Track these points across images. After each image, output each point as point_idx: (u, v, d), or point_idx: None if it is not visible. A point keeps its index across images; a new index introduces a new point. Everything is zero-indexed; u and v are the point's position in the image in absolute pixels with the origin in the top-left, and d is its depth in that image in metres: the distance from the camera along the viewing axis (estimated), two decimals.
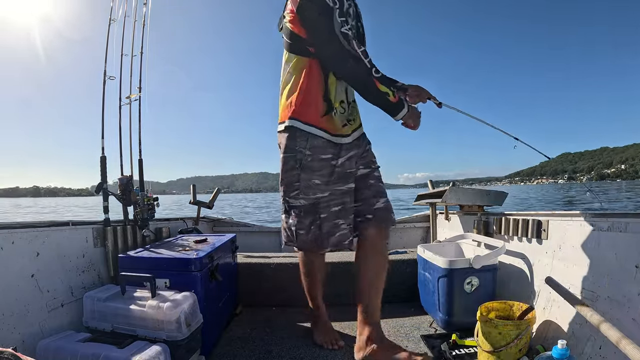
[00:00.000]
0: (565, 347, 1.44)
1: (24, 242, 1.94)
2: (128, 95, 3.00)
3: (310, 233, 2.06)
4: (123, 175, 2.81)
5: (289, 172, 2.05)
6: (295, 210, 2.08)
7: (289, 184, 2.06)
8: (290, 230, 2.13)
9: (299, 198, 2.04)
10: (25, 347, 1.73)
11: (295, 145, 2.00)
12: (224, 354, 2.23)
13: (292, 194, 2.06)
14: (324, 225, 2.03)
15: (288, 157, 2.03)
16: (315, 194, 2.01)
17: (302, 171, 2.00)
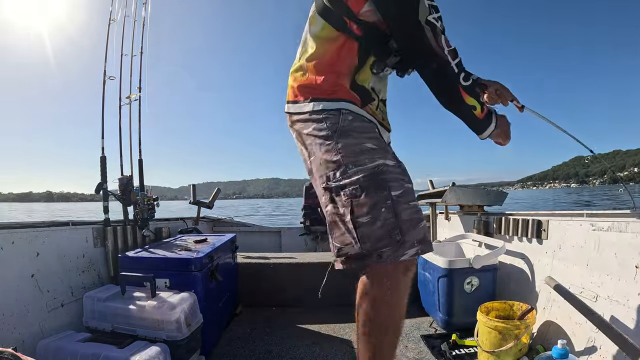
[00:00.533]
0: (565, 347, 1.44)
1: (24, 242, 1.94)
2: (128, 95, 3.01)
3: (379, 219, 1.27)
4: (123, 175, 2.82)
5: (322, 147, 1.38)
6: (345, 191, 1.31)
7: (327, 162, 1.36)
8: (343, 224, 1.32)
9: (348, 174, 1.31)
10: (25, 347, 1.73)
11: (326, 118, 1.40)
12: (224, 353, 2.23)
13: (337, 173, 1.33)
14: (399, 207, 1.29)
15: (315, 130, 1.41)
16: (373, 159, 1.32)
17: (341, 137, 1.36)
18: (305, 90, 1.47)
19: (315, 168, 1.41)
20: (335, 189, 1.33)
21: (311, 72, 1.46)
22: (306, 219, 4.69)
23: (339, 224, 1.34)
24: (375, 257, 1.29)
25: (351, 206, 1.30)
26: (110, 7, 3.00)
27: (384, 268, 1.32)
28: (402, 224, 1.28)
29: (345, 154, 1.33)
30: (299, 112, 1.47)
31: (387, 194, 1.28)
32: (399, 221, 1.28)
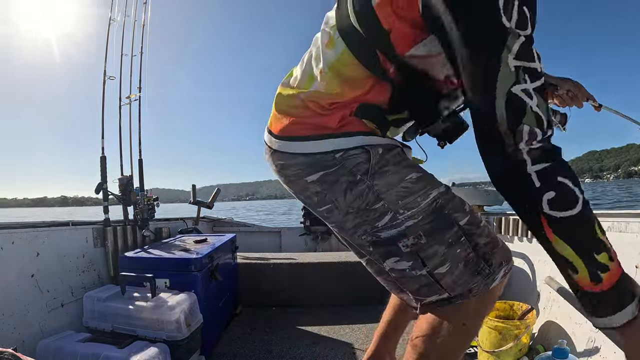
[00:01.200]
0: (565, 347, 1.44)
1: (24, 242, 1.94)
2: (128, 95, 3.01)
3: (461, 262, 1.04)
4: (123, 176, 2.82)
5: (349, 195, 1.05)
6: (406, 242, 1.04)
7: (365, 213, 1.06)
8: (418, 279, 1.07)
9: (398, 220, 1.03)
10: (25, 347, 1.73)
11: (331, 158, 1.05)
12: (224, 353, 2.23)
13: (382, 223, 1.05)
14: (473, 236, 1.06)
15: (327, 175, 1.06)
16: (427, 195, 1.05)
17: (376, 177, 1.04)
18: (305, 126, 1.10)
19: (342, 219, 1.10)
20: (389, 241, 1.06)
21: (317, 107, 1.08)
22: (306, 219, 4.69)
23: (411, 281, 1.09)
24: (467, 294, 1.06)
25: (420, 259, 1.05)
26: (110, 8, 3.00)
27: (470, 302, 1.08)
28: (485, 254, 1.07)
29: (388, 198, 1.04)
30: (295, 152, 1.10)
31: (457, 230, 1.05)
32: (480, 252, 1.07)
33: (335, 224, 1.14)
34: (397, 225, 1.03)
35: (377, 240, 1.07)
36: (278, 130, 1.12)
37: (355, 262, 3.04)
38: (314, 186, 1.08)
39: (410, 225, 1.03)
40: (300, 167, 1.09)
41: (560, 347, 1.44)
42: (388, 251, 1.06)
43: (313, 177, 1.07)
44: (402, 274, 1.07)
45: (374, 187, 1.03)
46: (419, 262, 1.04)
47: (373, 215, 1.04)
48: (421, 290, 1.07)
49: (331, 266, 3.07)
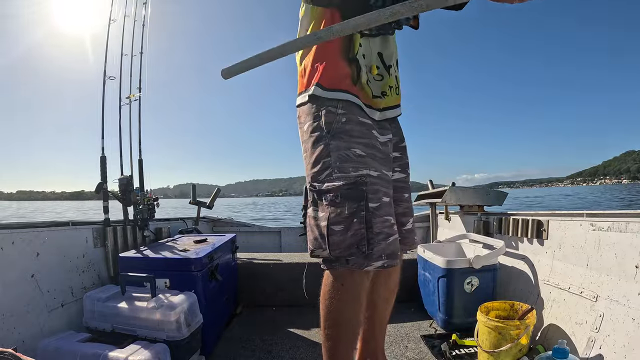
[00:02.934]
0: (565, 347, 1.44)
1: (24, 242, 1.94)
2: (128, 95, 3.01)
3: (351, 230, 1.30)
4: (123, 176, 2.82)
5: (315, 146, 1.37)
6: (327, 197, 1.33)
7: (317, 162, 1.36)
8: (318, 228, 1.36)
9: (332, 178, 1.32)
10: (26, 347, 1.73)
11: (320, 109, 1.38)
12: (224, 354, 2.23)
13: (323, 175, 1.34)
14: (374, 220, 1.31)
15: (311, 127, 1.39)
16: (357, 169, 1.32)
17: (334, 138, 1.34)
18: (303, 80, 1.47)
19: (306, 165, 1.43)
20: (319, 193, 1.36)
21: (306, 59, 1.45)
22: None
23: (313, 228, 1.38)
24: (343, 262, 1.35)
25: (329, 213, 1.32)
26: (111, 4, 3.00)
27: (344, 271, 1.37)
28: (372, 237, 1.31)
29: (334, 157, 1.34)
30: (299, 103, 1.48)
31: (363, 205, 1.31)
32: (370, 233, 1.31)
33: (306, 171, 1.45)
34: (328, 181, 1.33)
35: (313, 188, 1.38)
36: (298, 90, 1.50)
37: None
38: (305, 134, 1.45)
39: (336, 185, 1.32)
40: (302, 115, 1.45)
41: (560, 347, 1.44)
42: (313, 201, 1.38)
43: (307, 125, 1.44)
44: (311, 221, 1.37)
45: (329, 145, 1.35)
46: (326, 215, 1.32)
47: (318, 166, 1.36)
48: (314, 242, 1.37)
49: None
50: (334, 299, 1.39)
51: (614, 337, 1.65)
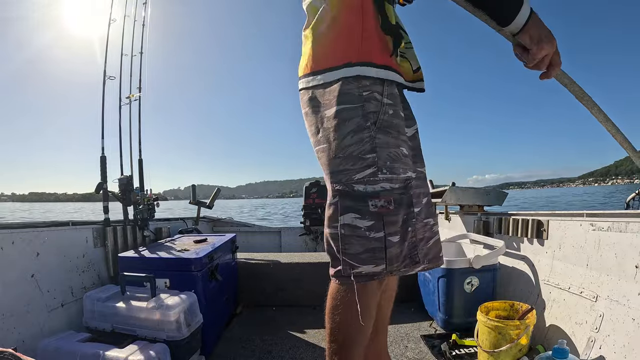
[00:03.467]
0: (565, 347, 1.44)
1: (24, 242, 1.94)
2: (128, 95, 3.01)
3: (406, 240, 1.12)
4: (123, 176, 2.82)
5: (349, 137, 1.09)
6: (375, 202, 1.08)
7: (355, 157, 1.09)
8: (367, 240, 1.08)
9: (378, 179, 1.08)
10: (26, 347, 1.73)
11: (360, 90, 1.11)
12: (224, 354, 2.23)
13: (363, 175, 1.08)
14: (417, 225, 1.15)
15: (344, 114, 1.11)
16: (406, 170, 1.13)
17: (380, 132, 1.10)
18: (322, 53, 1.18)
19: (328, 159, 1.13)
20: (362, 197, 1.08)
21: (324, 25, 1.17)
22: (306, 219, 4.70)
23: (361, 241, 1.09)
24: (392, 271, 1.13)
25: (383, 222, 1.07)
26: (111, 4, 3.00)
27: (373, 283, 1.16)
28: (419, 243, 1.16)
29: (380, 154, 1.09)
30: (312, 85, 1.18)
31: (412, 212, 1.12)
32: (418, 240, 1.15)
33: (323, 166, 1.17)
34: (373, 183, 1.07)
35: (347, 191, 1.09)
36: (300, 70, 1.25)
37: None
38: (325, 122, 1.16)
39: (387, 189, 1.08)
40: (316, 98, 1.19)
41: (560, 347, 1.44)
42: (352, 206, 1.08)
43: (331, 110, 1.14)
44: (353, 232, 1.08)
45: (375, 139, 1.09)
46: (381, 225, 1.07)
47: (359, 164, 1.08)
48: (361, 255, 1.08)
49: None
50: (349, 314, 1.16)
51: (614, 337, 1.65)
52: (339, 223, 1.09)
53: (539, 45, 1.04)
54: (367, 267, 1.09)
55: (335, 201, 1.11)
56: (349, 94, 1.10)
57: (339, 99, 1.10)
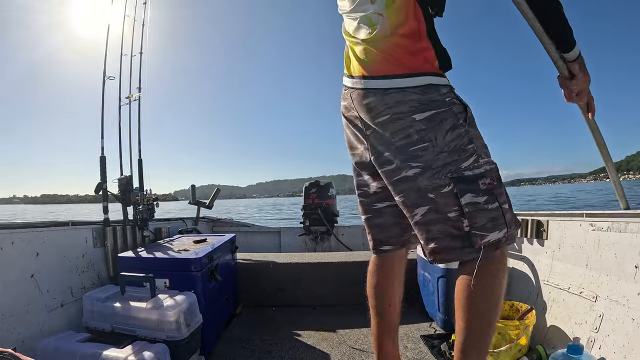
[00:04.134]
0: (580, 344, 1.44)
1: (23, 242, 1.94)
2: (128, 95, 3.01)
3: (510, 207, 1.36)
4: (122, 176, 2.82)
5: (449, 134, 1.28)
6: (484, 181, 1.30)
7: (459, 150, 1.29)
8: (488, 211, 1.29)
9: (480, 164, 1.30)
10: (25, 347, 1.73)
11: (442, 97, 1.30)
12: (224, 354, 2.23)
13: (469, 162, 1.29)
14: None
15: (439, 113, 1.29)
16: (489, 153, 1.37)
17: (471, 126, 1.33)
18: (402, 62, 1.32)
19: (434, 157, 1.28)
20: (473, 179, 1.28)
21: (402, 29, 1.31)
22: (306, 219, 4.70)
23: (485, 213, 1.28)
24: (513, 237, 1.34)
25: (494, 195, 1.29)
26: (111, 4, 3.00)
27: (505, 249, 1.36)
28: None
29: (476, 144, 1.31)
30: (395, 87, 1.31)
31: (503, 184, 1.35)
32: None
33: (423, 163, 1.29)
34: (478, 167, 1.29)
35: (460, 177, 1.27)
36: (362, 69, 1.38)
37: (355, 263, 3.06)
38: (419, 124, 1.28)
39: (488, 169, 1.30)
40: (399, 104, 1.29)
41: (575, 344, 1.44)
42: (468, 188, 1.27)
43: (422, 115, 1.28)
44: (476, 207, 1.27)
45: (469, 133, 1.30)
46: (493, 197, 1.28)
47: (463, 155, 1.28)
48: (487, 225, 1.27)
49: (331, 266, 3.07)
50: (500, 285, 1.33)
51: (614, 337, 1.65)
52: (462, 203, 1.27)
53: (585, 74, 1.33)
54: (493, 234, 1.28)
55: (451, 188, 1.27)
56: (435, 100, 1.29)
57: (430, 105, 1.28)
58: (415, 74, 1.30)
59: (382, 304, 1.69)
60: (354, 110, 1.41)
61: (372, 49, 1.35)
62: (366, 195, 1.62)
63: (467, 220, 1.27)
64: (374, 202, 1.60)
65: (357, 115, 1.41)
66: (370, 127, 1.37)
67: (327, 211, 4.65)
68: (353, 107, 1.41)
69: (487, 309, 1.32)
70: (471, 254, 1.29)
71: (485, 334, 1.33)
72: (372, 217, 1.62)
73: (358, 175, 1.62)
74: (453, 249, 1.31)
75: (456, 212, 1.27)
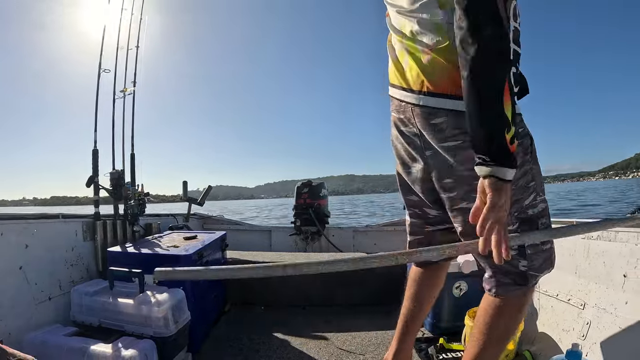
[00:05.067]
0: (579, 350, 1.44)
1: (12, 233, 1.92)
2: (122, 89, 2.99)
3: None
4: (114, 170, 2.80)
5: (519, 168, 1.09)
6: (543, 221, 1.24)
7: (521, 187, 1.20)
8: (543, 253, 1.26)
9: (537, 202, 1.23)
10: (12, 339, 1.71)
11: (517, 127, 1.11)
12: (211, 352, 2.22)
13: (529, 200, 1.22)
14: None
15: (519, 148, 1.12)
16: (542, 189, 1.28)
17: (534, 162, 1.23)
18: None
19: None
20: (533, 219, 1.22)
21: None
22: (297, 219, 4.69)
23: (541, 254, 1.26)
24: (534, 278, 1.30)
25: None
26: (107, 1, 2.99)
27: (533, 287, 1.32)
28: None
29: (537, 181, 1.24)
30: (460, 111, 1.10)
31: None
32: None
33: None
34: (535, 206, 1.23)
35: (525, 217, 1.22)
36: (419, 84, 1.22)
37: None
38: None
39: (544, 207, 1.24)
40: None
41: (573, 349, 1.44)
42: (530, 229, 1.21)
43: None
44: (536, 249, 1.24)
45: (532, 170, 1.22)
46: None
47: (526, 193, 1.21)
48: (542, 266, 1.26)
49: None
50: (518, 316, 1.33)
51: (601, 344, 1.66)
52: (525, 245, 1.21)
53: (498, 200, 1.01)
54: (544, 273, 1.29)
55: (515, 228, 1.21)
56: None
57: None
58: None
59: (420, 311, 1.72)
60: (413, 127, 1.27)
61: (443, 61, 1.16)
62: (417, 217, 1.52)
63: (527, 262, 1.23)
64: (426, 225, 1.51)
65: (417, 133, 1.26)
66: (433, 148, 1.23)
67: (318, 211, 4.65)
68: (414, 124, 1.26)
69: (508, 336, 1.34)
70: (517, 291, 1.27)
71: (497, 356, 1.35)
72: (422, 239, 1.53)
73: (407, 193, 1.49)
74: (502, 284, 1.27)
75: (514, 252, 1.19)
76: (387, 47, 1.39)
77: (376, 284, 2.94)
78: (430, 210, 1.45)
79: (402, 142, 1.36)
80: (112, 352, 1.57)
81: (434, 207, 1.41)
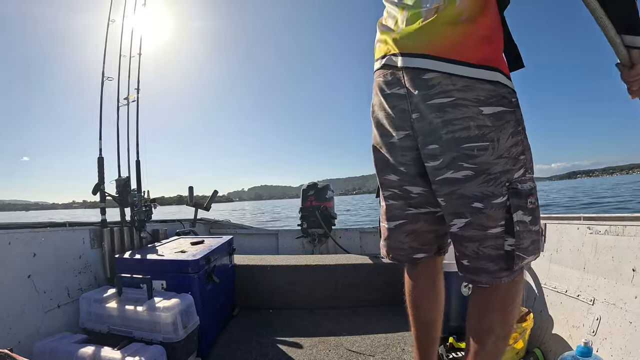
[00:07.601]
0: (590, 346, 1.43)
1: (20, 242, 1.93)
2: (126, 97, 3.01)
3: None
4: (120, 177, 2.81)
5: (510, 140, 1.15)
6: (531, 200, 1.19)
7: (514, 159, 1.17)
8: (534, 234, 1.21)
9: (526, 179, 1.19)
10: (22, 348, 1.72)
11: (510, 96, 1.17)
12: (220, 356, 2.22)
13: (519, 174, 1.18)
14: None
15: (505, 113, 1.15)
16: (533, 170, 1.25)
17: (526, 136, 1.20)
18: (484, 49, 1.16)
19: (493, 160, 1.14)
20: (524, 194, 1.17)
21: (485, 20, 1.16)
22: (303, 222, 4.69)
23: (529, 234, 1.19)
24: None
25: (536, 216, 1.20)
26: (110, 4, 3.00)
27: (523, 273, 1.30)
28: None
29: (527, 156, 1.19)
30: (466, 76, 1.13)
31: None
32: None
33: (477, 165, 1.15)
34: (524, 182, 1.18)
35: (515, 190, 1.16)
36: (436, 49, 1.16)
37: (352, 265, 3.06)
38: (484, 119, 1.13)
39: (532, 187, 1.19)
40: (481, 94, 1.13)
41: (585, 346, 1.43)
42: (520, 204, 1.16)
43: (493, 109, 1.13)
44: (525, 227, 1.17)
45: (524, 141, 1.18)
46: (536, 219, 1.19)
47: (517, 165, 1.16)
48: (529, 248, 1.19)
49: (328, 269, 3.06)
50: (518, 306, 1.32)
51: (611, 340, 1.65)
52: (515, 220, 1.16)
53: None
54: (530, 257, 1.21)
55: (504, 200, 1.16)
56: (505, 97, 1.15)
57: (500, 101, 1.14)
58: (488, 67, 1.13)
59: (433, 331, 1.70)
60: (402, 88, 1.22)
61: (445, 25, 1.16)
62: (397, 198, 1.38)
63: (515, 240, 1.16)
64: (408, 207, 1.38)
65: (404, 94, 1.22)
66: (419, 109, 1.18)
67: (324, 213, 4.64)
68: (402, 84, 1.21)
69: (506, 330, 1.29)
70: (504, 278, 1.21)
71: (500, 353, 1.29)
72: (405, 223, 1.40)
73: (385, 171, 1.38)
74: (485, 272, 1.22)
75: (500, 229, 1.17)
76: (377, 26, 1.36)
77: (383, 285, 2.94)
78: (413, 188, 1.33)
79: (385, 109, 1.29)
80: (122, 359, 1.58)
81: (417, 181, 1.31)
